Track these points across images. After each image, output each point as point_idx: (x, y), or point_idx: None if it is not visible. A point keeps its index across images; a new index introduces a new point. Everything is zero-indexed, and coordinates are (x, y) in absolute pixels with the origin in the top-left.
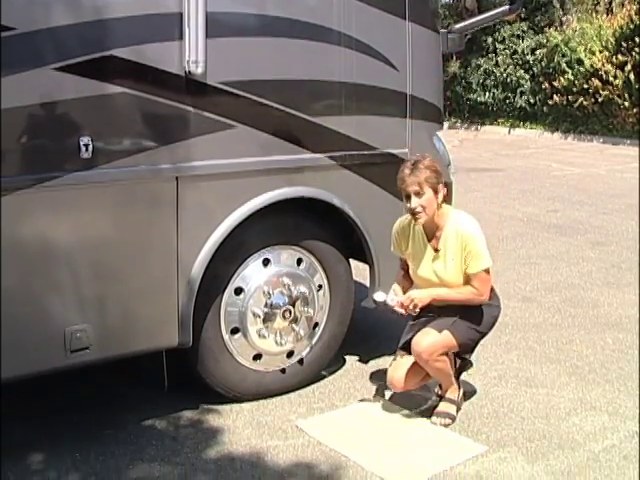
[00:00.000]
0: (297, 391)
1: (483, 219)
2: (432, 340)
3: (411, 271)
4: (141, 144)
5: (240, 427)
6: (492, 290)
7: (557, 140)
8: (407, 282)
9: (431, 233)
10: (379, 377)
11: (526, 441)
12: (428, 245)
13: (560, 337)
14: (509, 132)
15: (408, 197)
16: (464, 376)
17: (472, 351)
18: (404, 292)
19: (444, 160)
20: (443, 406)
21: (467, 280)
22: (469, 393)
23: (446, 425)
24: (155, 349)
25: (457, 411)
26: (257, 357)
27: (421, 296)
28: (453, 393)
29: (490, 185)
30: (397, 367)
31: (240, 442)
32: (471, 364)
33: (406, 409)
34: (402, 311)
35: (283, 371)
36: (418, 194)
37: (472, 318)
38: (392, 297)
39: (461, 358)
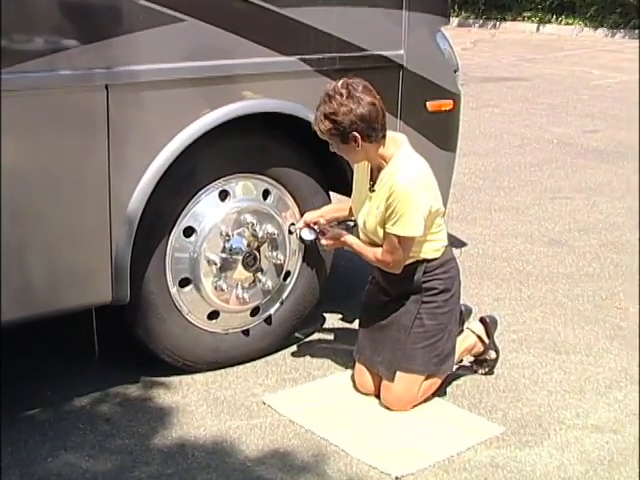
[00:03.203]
0: (264, 358)
1: (501, 142)
2: (397, 395)
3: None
4: (58, 42)
5: (192, 404)
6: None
7: (601, 38)
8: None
9: (375, 169)
10: None
11: (554, 421)
12: (368, 181)
13: (598, 290)
14: (537, 29)
15: None
16: None
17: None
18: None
19: (450, 65)
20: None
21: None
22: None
23: (486, 373)
24: (82, 307)
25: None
26: (213, 315)
27: (331, 240)
28: (474, 349)
29: (511, 99)
30: (361, 373)
31: (192, 423)
32: (469, 311)
33: None
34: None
35: (246, 333)
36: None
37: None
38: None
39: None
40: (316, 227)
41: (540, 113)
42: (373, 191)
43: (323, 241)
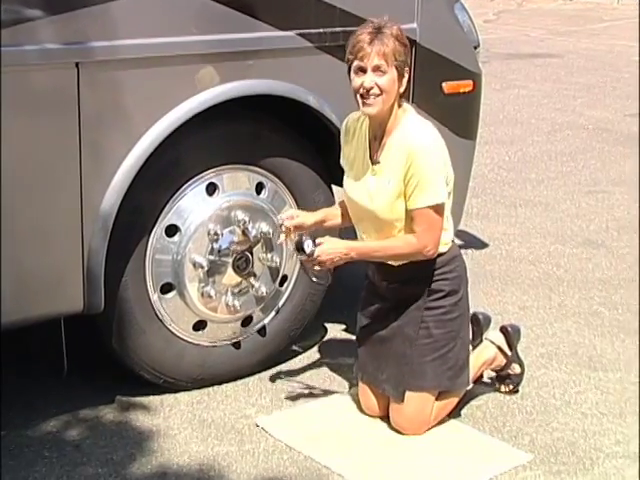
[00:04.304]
0: (257, 374)
1: (528, 128)
2: (408, 418)
3: (344, 188)
4: (20, 12)
5: (175, 428)
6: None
7: None
8: (338, 216)
9: (378, 136)
10: None
11: (590, 449)
12: (367, 156)
13: None
14: None
15: (362, 71)
16: None
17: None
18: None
19: (470, 40)
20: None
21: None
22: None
23: (510, 391)
24: (50, 316)
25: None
26: (199, 326)
27: (330, 253)
28: (495, 362)
29: (540, 78)
30: (365, 393)
31: (175, 449)
32: (488, 320)
33: None
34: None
35: (237, 345)
36: (379, 70)
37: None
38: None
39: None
40: (310, 239)
41: (574, 95)
42: (377, 163)
43: (323, 256)
